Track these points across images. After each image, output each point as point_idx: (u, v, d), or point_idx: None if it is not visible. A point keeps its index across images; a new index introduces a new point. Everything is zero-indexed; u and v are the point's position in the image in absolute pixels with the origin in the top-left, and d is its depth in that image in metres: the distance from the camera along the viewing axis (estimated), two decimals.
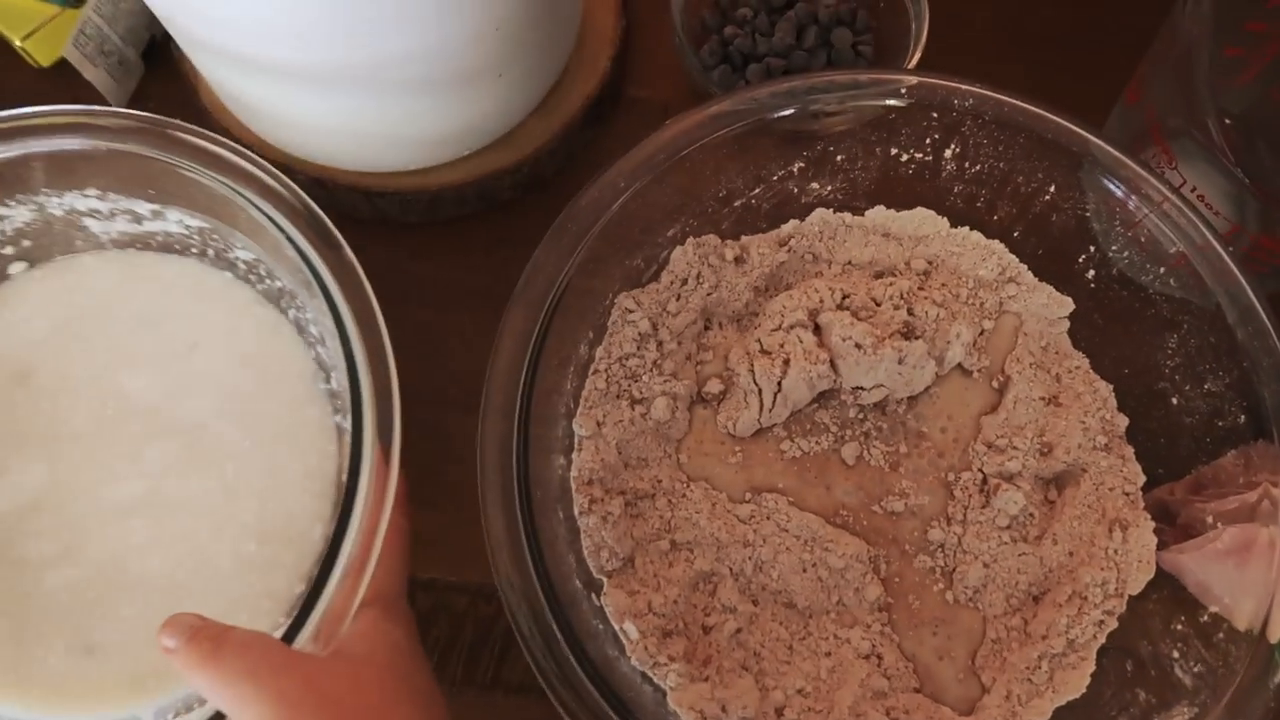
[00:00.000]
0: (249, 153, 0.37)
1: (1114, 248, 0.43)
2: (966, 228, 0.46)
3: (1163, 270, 0.42)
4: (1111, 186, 0.42)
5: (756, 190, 0.45)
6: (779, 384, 0.43)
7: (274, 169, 0.37)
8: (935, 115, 0.43)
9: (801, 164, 0.44)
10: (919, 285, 0.45)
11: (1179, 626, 0.39)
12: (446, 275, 0.50)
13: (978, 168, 0.44)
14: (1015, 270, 0.46)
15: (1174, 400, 0.42)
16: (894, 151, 0.44)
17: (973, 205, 0.45)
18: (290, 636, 0.32)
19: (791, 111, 0.43)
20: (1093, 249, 0.44)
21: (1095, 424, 0.44)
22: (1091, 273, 0.44)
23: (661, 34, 0.53)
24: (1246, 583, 0.38)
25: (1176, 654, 0.38)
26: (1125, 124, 0.47)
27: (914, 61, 0.50)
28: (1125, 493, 0.43)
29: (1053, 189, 0.43)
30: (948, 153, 0.44)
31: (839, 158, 0.44)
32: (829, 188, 0.46)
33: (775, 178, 0.45)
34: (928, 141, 0.44)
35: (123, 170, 0.38)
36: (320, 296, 0.36)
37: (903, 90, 0.42)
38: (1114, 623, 0.41)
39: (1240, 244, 0.44)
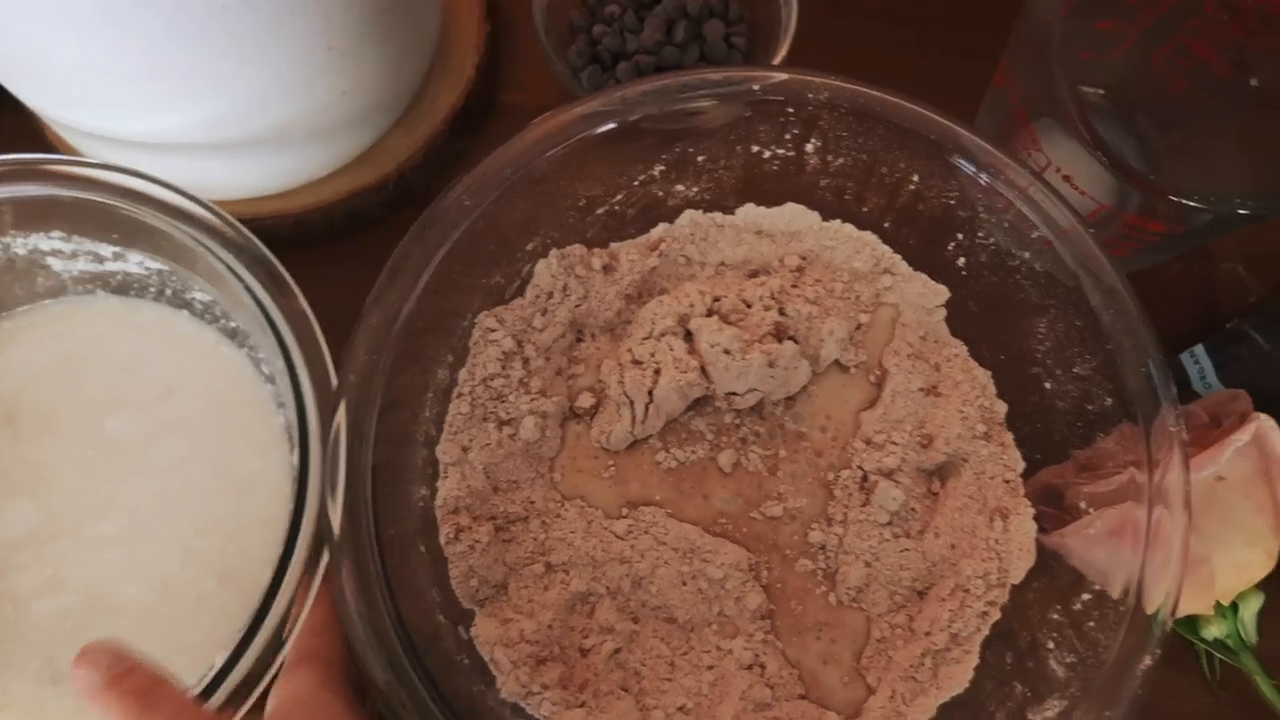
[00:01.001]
0: (208, 203, 0.39)
1: (980, 234, 0.43)
2: (838, 220, 0.45)
3: (1028, 255, 0.41)
4: (972, 172, 0.41)
5: (619, 196, 0.44)
6: (650, 394, 0.42)
7: (230, 217, 0.39)
8: (791, 111, 0.42)
9: (663, 166, 0.43)
10: (793, 282, 0.45)
11: (1055, 615, 0.39)
12: (322, 299, 0.49)
13: (841, 160, 0.43)
14: (890, 261, 0.45)
15: (1047, 385, 0.42)
16: (755, 149, 0.43)
17: (841, 198, 0.44)
18: (206, 694, 0.33)
19: (658, 111, 0.41)
20: (960, 236, 0.43)
21: (974, 412, 0.43)
22: (962, 260, 0.44)
23: (533, 37, 0.52)
24: (1121, 562, 0.38)
25: (1052, 644, 0.38)
26: (994, 107, 0.47)
27: (783, 52, 0.49)
28: (1006, 480, 0.43)
29: (916, 178, 0.42)
30: (809, 147, 0.43)
31: (700, 158, 0.43)
32: (695, 189, 0.45)
33: (637, 182, 0.43)
34: (787, 137, 0.43)
35: (88, 215, 0.40)
36: (275, 344, 0.38)
37: (756, 88, 0.41)
38: (997, 613, 0.41)
39: (1111, 224, 0.44)
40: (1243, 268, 0.53)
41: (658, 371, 0.42)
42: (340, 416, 0.35)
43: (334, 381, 0.37)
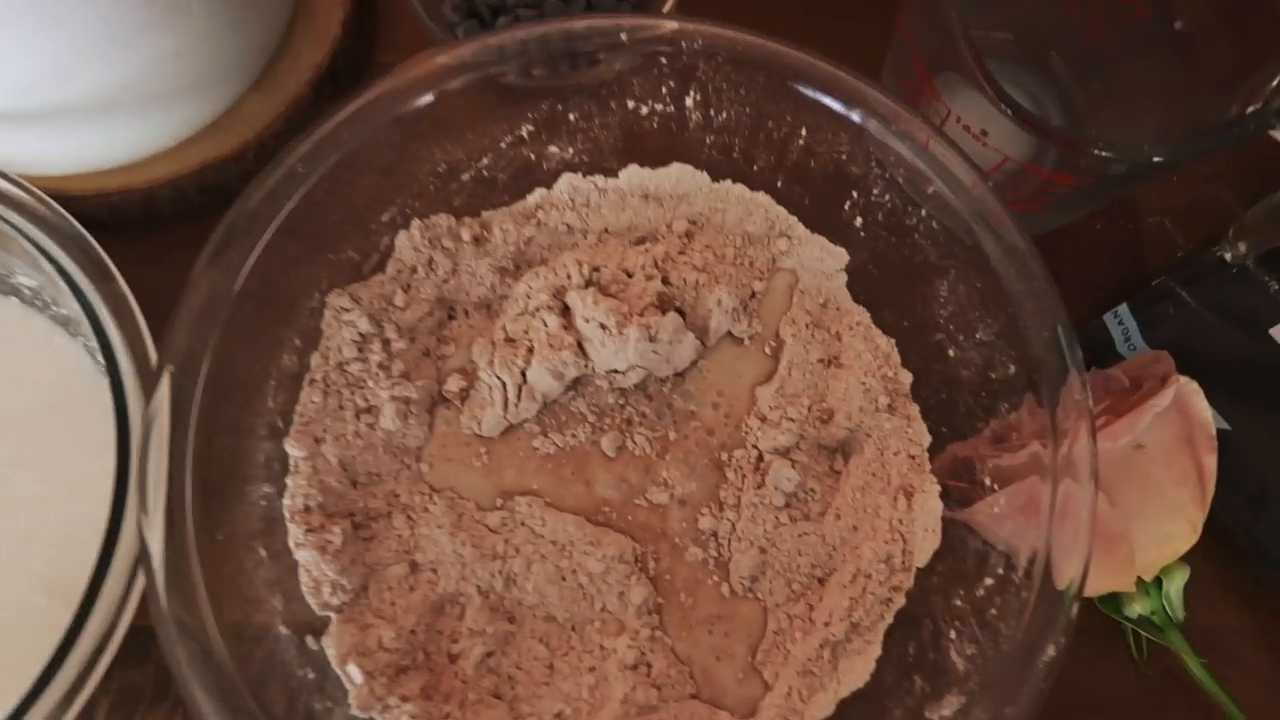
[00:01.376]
0: (21, 180, 0.36)
1: (875, 191, 0.39)
2: (729, 181, 0.42)
3: (924, 212, 0.38)
4: (860, 121, 0.37)
5: (485, 160, 0.40)
6: (523, 375, 0.39)
7: (40, 193, 0.36)
8: (665, 61, 0.38)
9: (531, 126, 0.40)
10: (681, 249, 0.41)
11: (958, 602, 0.36)
12: (173, 283, 0.45)
13: (724, 115, 0.40)
14: (785, 223, 0.42)
15: (951, 352, 0.39)
16: (631, 105, 0.40)
17: (729, 156, 0.41)
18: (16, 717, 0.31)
19: (538, 58, 0.38)
20: (855, 194, 0.40)
21: (877, 384, 0.40)
22: (859, 220, 0.40)
23: None
24: (1027, 540, 0.35)
25: (954, 634, 0.35)
26: (896, 64, 0.43)
27: (670, 3, 0.45)
28: (911, 456, 0.40)
29: (804, 131, 0.39)
30: (689, 101, 0.39)
31: (572, 116, 0.40)
32: (570, 150, 0.41)
33: (504, 144, 0.40)
34: (664, 91, 0.39)
35: None
36: (92, 332, 0.35)
37: (624, 37, 0.37)
38: (901, 600, 0.38)
39: (1018, 179, 0.40)
40: (1169, 221, 0.50)
41: (530, 350, 0.39)
42: (157, 408, 0.32)
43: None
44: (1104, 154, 0.37)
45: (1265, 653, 0.44)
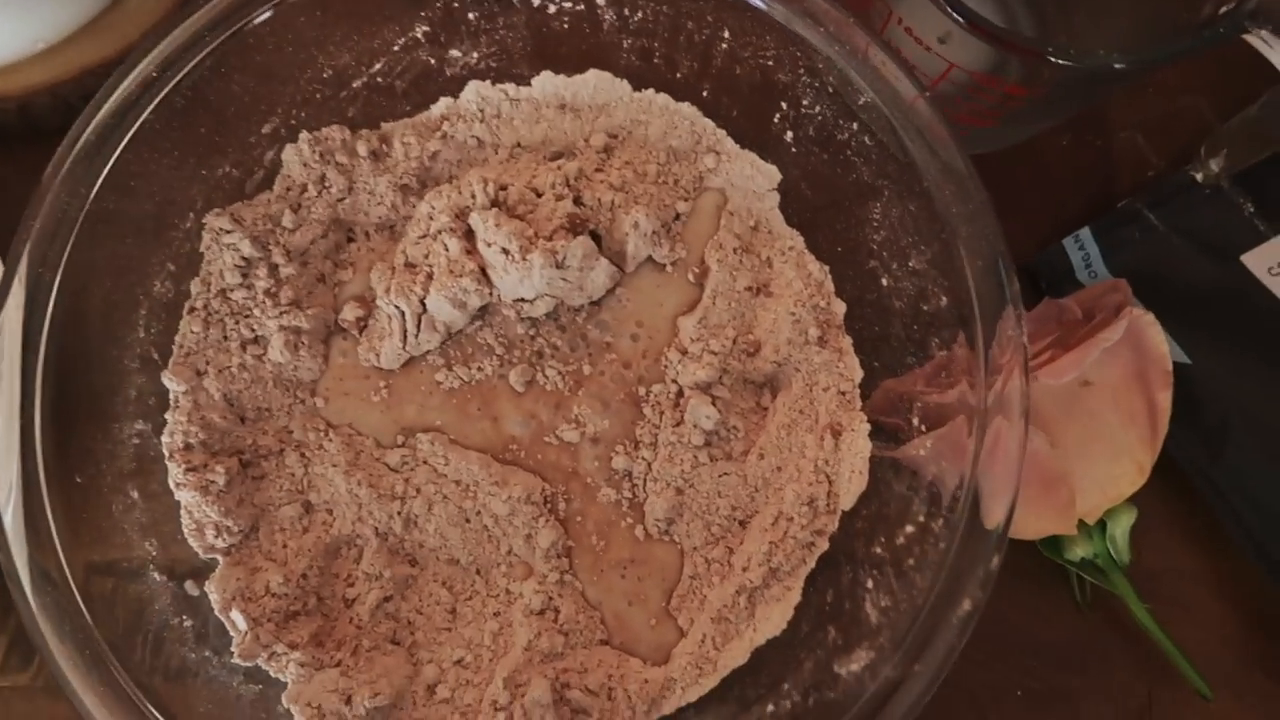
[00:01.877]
0: None
1: (805, 102, 0.36)
2: (652, 90, 0.38)
3: (856, 126, 0.35)
4: (784, 22, 0.34)
5: (378, 65, 0.36)
6: (422, 304, 0.36)
7: None
8: None
9: (426, 27, 0.36)
10: (598, 166, 0.38)
11: (879, 549, 0.34)
12: None
13: (640, 15, 0.36)
14: (713, 138, 0.38)
15: (885, 281, 0.36)
16: (537, 3, 0.36)
17: (650, 62, 0.37)
18: None
19: None
20: (785, 105, 0.36)
21: (808, 315, 0.37)
22: (790, 134, 0.37)
23: None
24: (953, 480, 0.33)
25: (871, 584, 0.33)
26: None
27: None
28: (841, 392, 0.37)
29: (727, 34, 0.35)
30: None
31: (471, 15, 0.36)
32: (475, 55, 0.37)
33: (397, 47, 0.36)
34: None
35: None
36: None
37: None
38: (825, 544, 0.36)
39: (966, 89, 0.37)
40: (1141, 137, 0.46)
41: (430, 277, 0.36)
42: (5, 332, 0.29)
43: None
44: (1062, 60, 0.33)
45: (1216, 597, 0.43)
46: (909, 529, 0.33)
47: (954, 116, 0.38)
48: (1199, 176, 0.43)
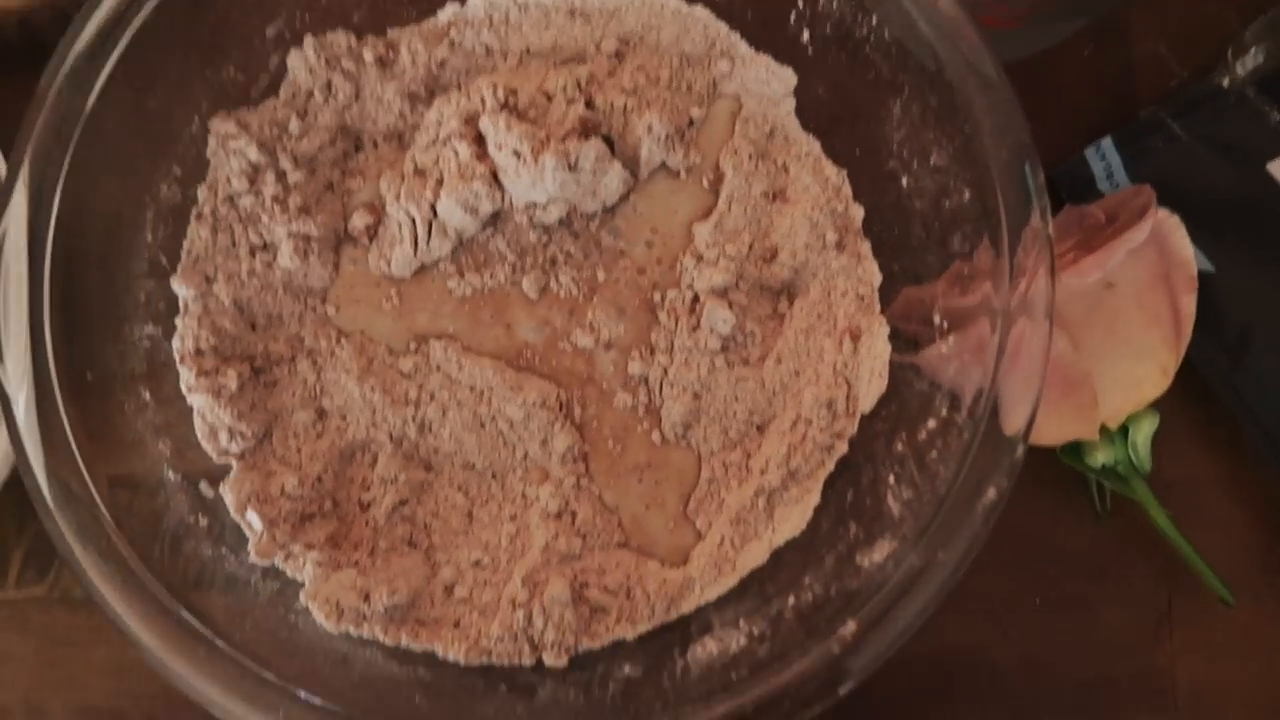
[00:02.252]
0: None
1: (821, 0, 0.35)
2: None
3: (875, 20, 0.34)
4: None
5: None
6: (433, 210, 0.35)
7: None
8: None
9: None
10: (610, 71, 0.37)
11: (900, 446, 0.34)
12: None
13: None
14: (726, 42, 0.38)
15: (904, 181, 0.35)
16: None
17: None
18: None
19: None
20: (801, 4, 0.35)
21: (825, 219, 0.37)
22: (806, 35, 0.36)
23: None
24: (974, 382, 0.32)
25: (892, 479, 0.33)
26: None
27: None
28: (859, 296, 0.37)
29: None
30: None
31: None
32: None
33: None
34: None
35: None
36: None
37: None
38: (844, 447, 0.36)
39: None
40: (1165, 47, 0.45)
41: (440, 182, 0.35)
42: (8, 239, 0.29)
43: None
44: None
45: (1236, 505, 0.42)
46: (931, 424, 0.32)
47: (983, 20, 0.37)
48: (1225, 83, 0.42)
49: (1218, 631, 0.42)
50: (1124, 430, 0.40)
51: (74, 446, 0.29)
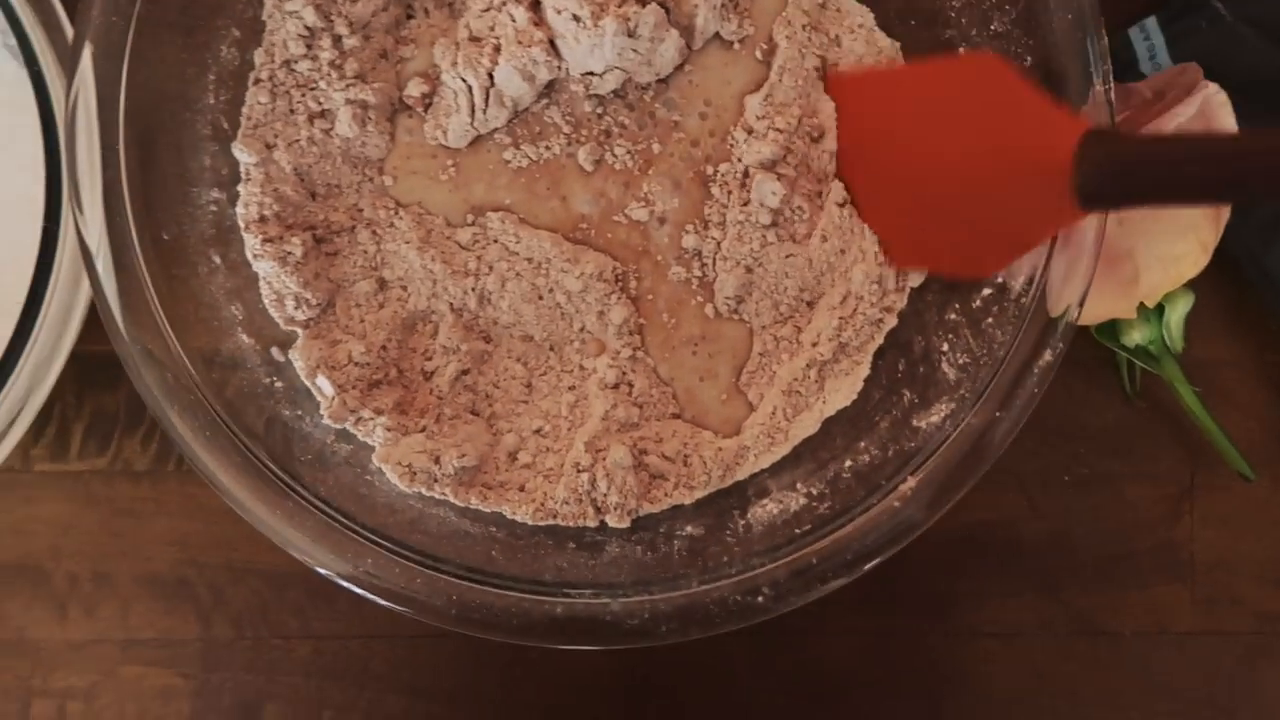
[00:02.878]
0: None
1: None
2: None
3: None
4: None
5: None
6: (490, 77, 0.35)
7: None
8: None
9: None
10: None
11: (952, 315, 0.34)
12: None
13: None
14: None
15: (962, 50, 0.35)
16: None
17: None
18: None
19: None
20: None
21: None
22: None
23: None
24: (1024, 259, 0.33)
25: (946, 346, 0.34)
26: None
27: None
28: None
29: None
30: None
31: None
32: None
33: None
34: None
35: None
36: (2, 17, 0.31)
37: None
38: (894, 320, 0.37)
39: None
40: None
41: (497, 49, 0.35)
42: (80, 85, 0.29)
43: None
44: None
45: (1263, 386, 0.44)
46: (986, 291, 0.33)
47: None
48: None
49: (1236, 507, 0.43)
50: (1159, 309, 0.41)
51: (155, 304, 0.29)
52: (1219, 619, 0.43)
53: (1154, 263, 0.38)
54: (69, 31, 0.32)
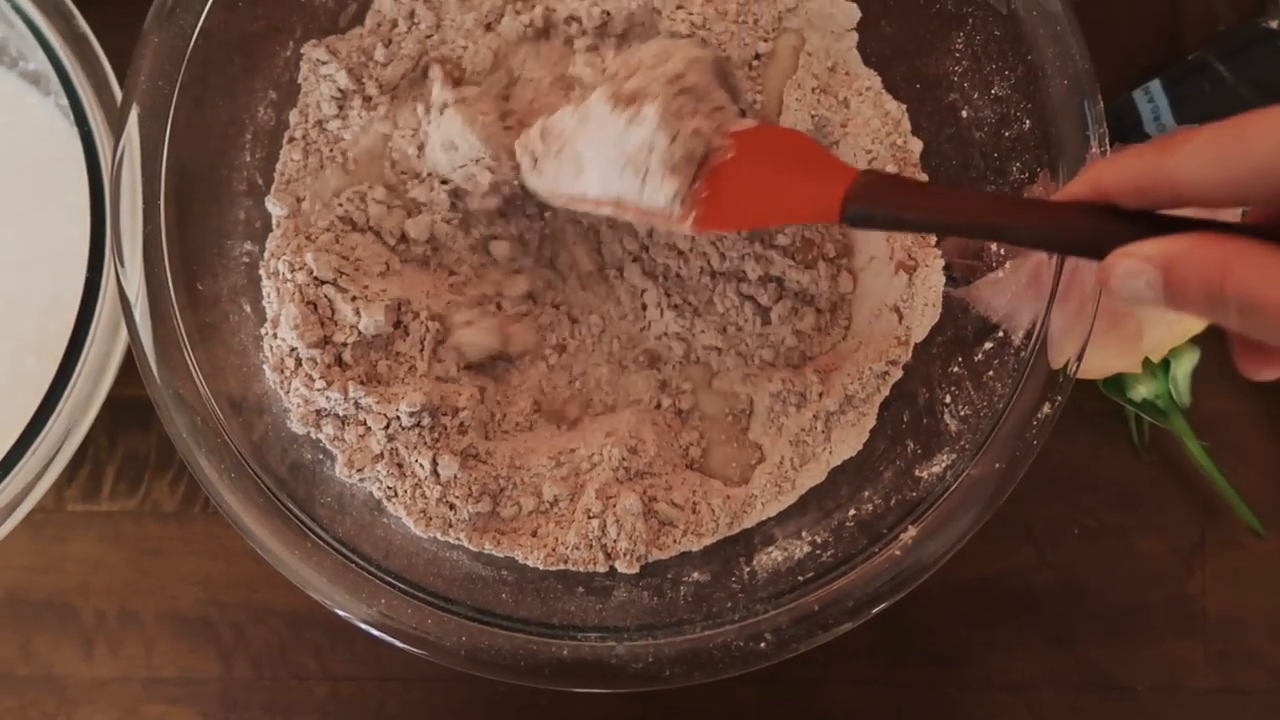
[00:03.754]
0: None
1: None
2: None
3: None
4: None
5: None
6: None
7: None
8: None
9: None
10: (679, 3, 0.38)
11: (955, 369, 0.35)
12: None
13: None
14: None
15: (964, 113, 0.37)
16: None
17: None
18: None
19: None
20: None
21: (885, 152, 0.38)
22: None
23: None
24: (1029, 311, 0.34)
25: (949, 399, 0.35)
26: None
27: None
28: None
29: None
30: None
31: None
32: None
33: None
34: None
35: None
36: (53, 72, 0.33)
37: None
38: (899, 373, 0.37)
39: None
40: None
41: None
42: (125, 145, 0.30)
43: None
44: None
45: (1272, 441, 0.44)
46: (988, 345, 0.34)
47: None
48: (1273, 25, 0.43)
49: (1247, 561, 0.43)
50: (1165, 364, 0.41)
51: (188, 351, 0.31)
52: (1233, 675, 0.43)
53: (1157, 320, 0.39)
54: (118, 93, 0.34)
